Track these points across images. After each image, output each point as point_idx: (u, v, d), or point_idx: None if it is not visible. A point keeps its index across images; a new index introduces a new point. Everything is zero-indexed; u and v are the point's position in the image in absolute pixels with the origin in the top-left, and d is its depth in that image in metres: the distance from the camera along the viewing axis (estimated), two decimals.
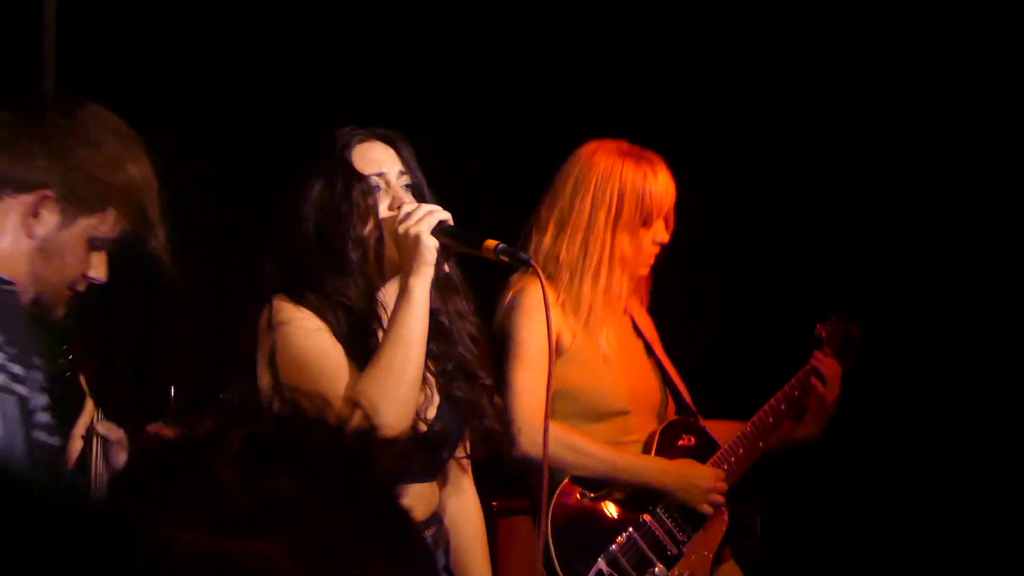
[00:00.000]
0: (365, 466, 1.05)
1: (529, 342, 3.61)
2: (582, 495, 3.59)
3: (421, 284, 2.99)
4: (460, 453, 3.26)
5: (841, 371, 3.89)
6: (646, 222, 3.66)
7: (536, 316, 3.54)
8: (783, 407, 3.85)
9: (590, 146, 3.73)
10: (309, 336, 3.03)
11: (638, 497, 3.69)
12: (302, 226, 3.08)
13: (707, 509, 3.70)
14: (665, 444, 3.73)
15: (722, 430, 3.84)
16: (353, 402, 2.92)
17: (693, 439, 3.77)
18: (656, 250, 3.72)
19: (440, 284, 3.10)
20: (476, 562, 3.33)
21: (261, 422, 1.06)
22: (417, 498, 3.10)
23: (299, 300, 3.05)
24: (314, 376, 3.01)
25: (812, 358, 3.90)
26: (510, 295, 3.68)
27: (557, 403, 3.60)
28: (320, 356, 3.02)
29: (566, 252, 3.66)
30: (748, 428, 3.80)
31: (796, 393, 3.87)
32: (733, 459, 3.77)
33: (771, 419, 3.84)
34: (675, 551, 3.69)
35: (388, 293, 3.11)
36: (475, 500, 3.37)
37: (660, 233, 3.69)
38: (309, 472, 1.03)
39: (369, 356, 3.01)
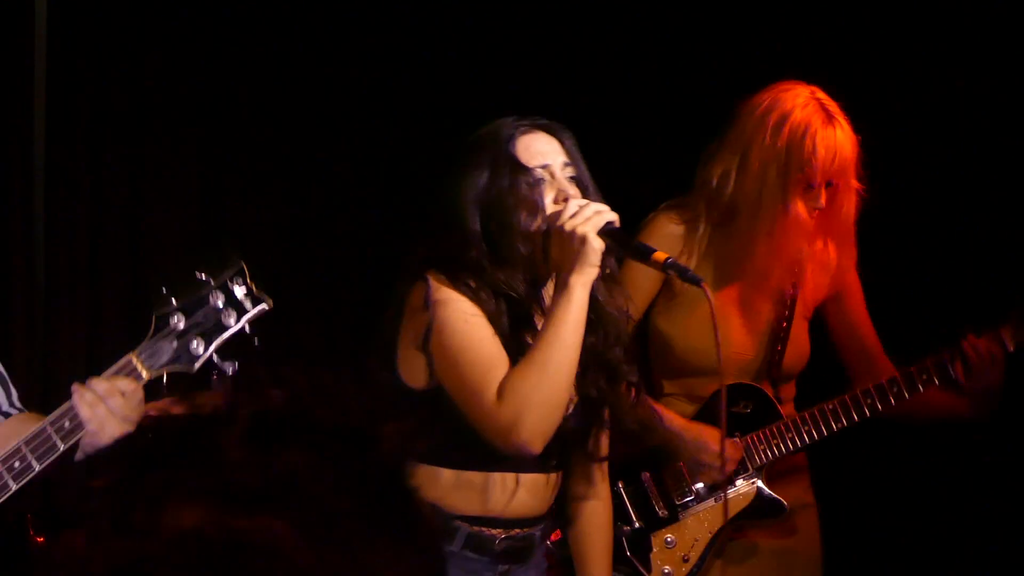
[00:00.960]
0: (373, 444, 1.06)
1: (632, 276, 3.53)
2: None
3: (582, 285, 2.93)
4: (596, 453, 3.20)
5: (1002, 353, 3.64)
6: (809, 184, 3.51)
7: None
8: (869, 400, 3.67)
9: (780, 87, 3.58)
10: (468, 321, 2.97)
11: (651, 454, 3.66)
12: (465, 216, 3.00)
13: (707, 479, 3.65)
14: (717, 406, 3.56)
15: None
16: (502, 400, 2.92)
17: (751, 406, 3.70)
18: (810, 218, 3.55)
19: (603, 273, 3.02)
20: (598, 554, 3.29)
21: (270, 400, 1.07)
22: (528, 488, 3.07)
23: (455, 283, 2.99)
24: (467, 363, 2.96)
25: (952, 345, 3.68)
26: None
27: (653, 341, 3.68)
28: (476, 344, 2.96)
29: (732, 190, 3.56)
30: (807, 414, 3.68)
31: (906, 387, 3.67)
32: (775, 441, 3.68)
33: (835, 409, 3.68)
34: (665, 514, 3.66)
35: (548, 289, 3.06)
36: (607, 509, 3.31)
37: (816, 199, 3.52)
38: (317, 450, 1.04)
39: (523, 351, 2.96)
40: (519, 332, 3.02)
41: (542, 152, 3.04)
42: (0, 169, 4.42)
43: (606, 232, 2.94)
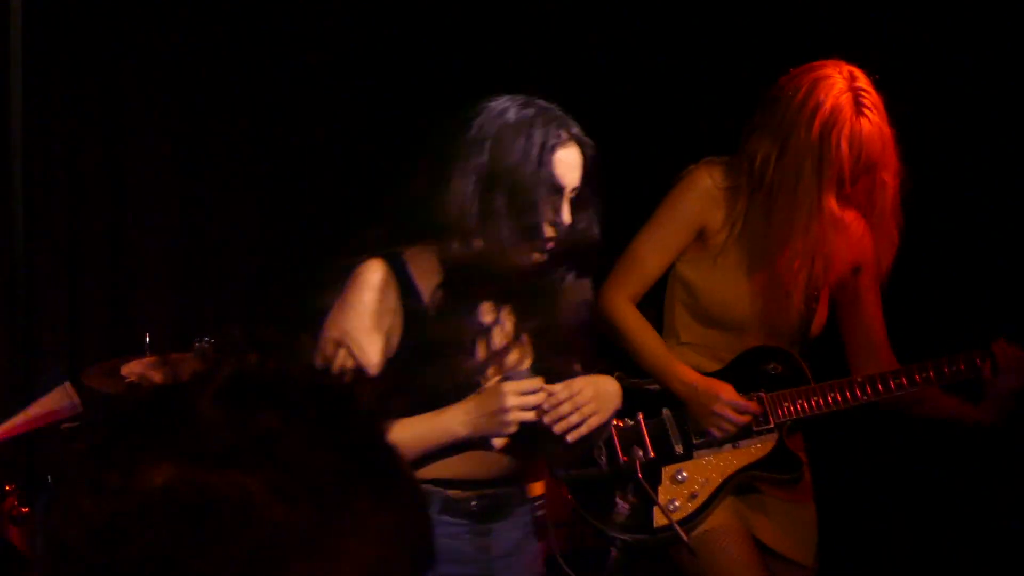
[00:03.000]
0: (348, 402, 1.06)
1: (667, 223, 3.68)
2: (620, 377, 3.54)
3: (464, 431, 2.97)
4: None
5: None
6: (841, 179, 3.55)
7: (689, 204, 3.64)
8: (907, 380, 3.73)
9: (818, 71, 3.58)
10: (354, 307, 3.00)
11: (672, 396, 3.70)
12: (483, 194, 2.97)
13: (715, 432, 3.67)
14: (745, 363, 3.72)
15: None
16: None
17: (780, 369, 3.74)
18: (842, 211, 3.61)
19: (565, 244, 3.03)
20: None
21: (246, 360, 1.07)
22: (495, 453, 3.07)
23: (400, 270, 3.02)
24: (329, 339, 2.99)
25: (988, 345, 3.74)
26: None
27: (677, 288, 3.73)
28: (358, 313, 3.00)
29: (772, 176, 3.58)
30: (834, 382, 3.72)
31: (933, 372, 3.73)
32: (800, 400, 3.71)
33: (876, 387, 3.72)
34: (680, 450, 3.70)
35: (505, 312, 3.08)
36: None
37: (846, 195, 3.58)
38: (291, 408, 1.04)
39: (427, 359, 2.99)
40: (450, 330, 3.02)
41: (569, 172, 3.02)
42: None
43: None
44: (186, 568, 0.96)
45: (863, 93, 3.55)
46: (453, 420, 2.96)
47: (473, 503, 3.07)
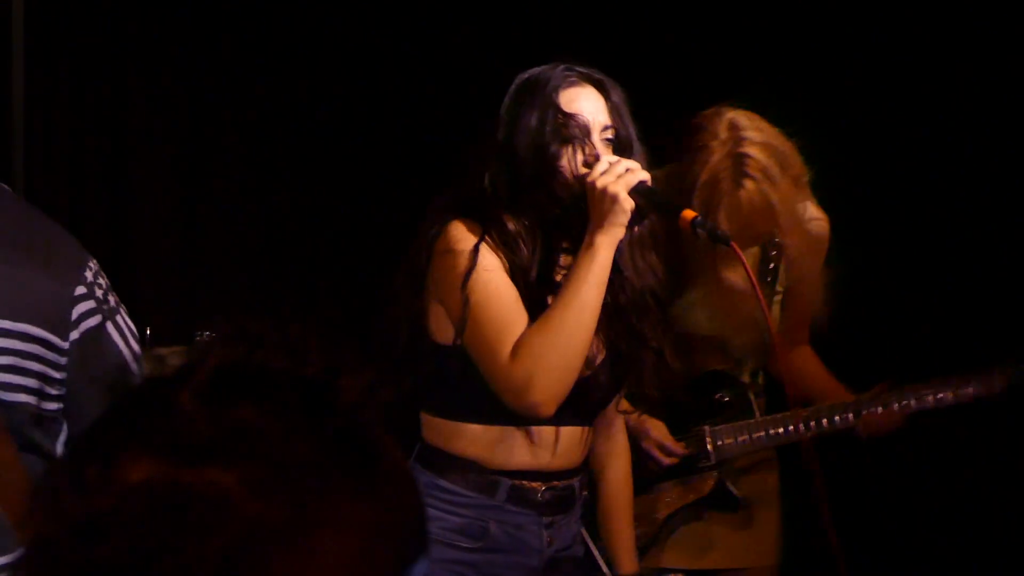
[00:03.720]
0: (330, 395, 1.05)
1: None
2: None
3: (608, 245, 2.90)
4: (617, 408, 3.23)
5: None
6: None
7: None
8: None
9: (709, 127, 3.44)
10: (487, 275, 2.92)
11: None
12: (513, 152, 2.95)
13: (649, 465, 3.63)
14: (699, 390, 3.67)
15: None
16: (516, 359, 2.88)
17: (728, 398, 3.69)
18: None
19: (633, 233, 2.99)
20: (620, 507, 3.30)
21: (231, 353, 1.07)
22: (567, 441, 3.06)
23: (478, 231, 2.95)
24: (485, 320, 2.92)
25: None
26: None
27: None
28: (495, 300, 2.92)
29: None
30: (781, 417, 3.68)
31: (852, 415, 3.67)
32: (742, 436, 3.66)
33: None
34: None
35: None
36: (628, 462, 3.33)
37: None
38: (271, 401, 1.03)
39: (543, 308, 2.94)
40: (541, 288, 2.97)
41: (585, 109, 2.98)
42: None
43: (637, 190, 2.89)
44: (164, 566, 0.96)
45: (744, 158, 3.37)
46: (592, 246, 2.89)
47: (540, 495, 3.05)
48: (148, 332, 4.02)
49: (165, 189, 4.85)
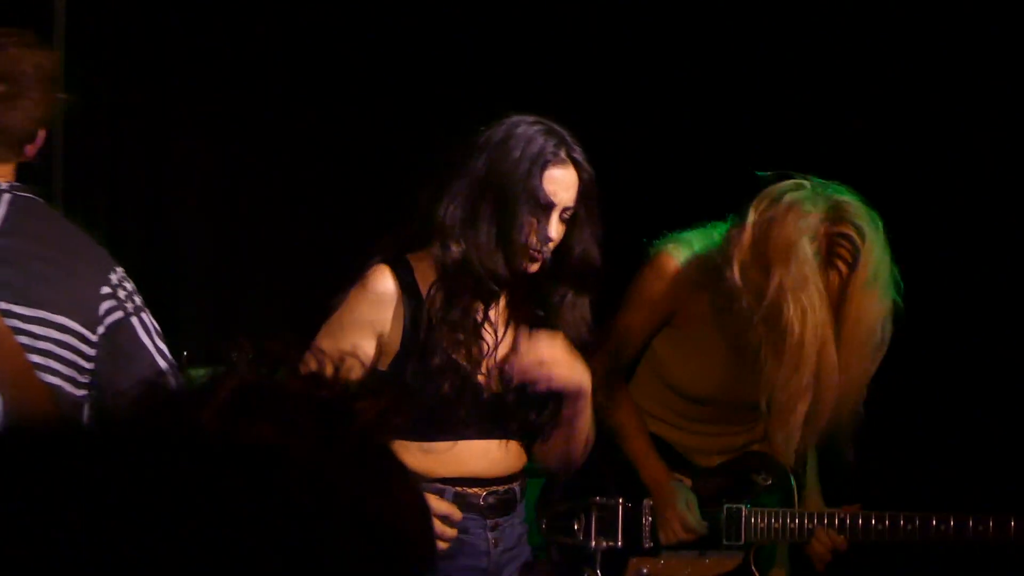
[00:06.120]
0: (347, 417, 1.07)
1: (638, 308, 3.63)
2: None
3: None
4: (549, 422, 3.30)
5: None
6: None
7: (657, 292, 3.58)
8: None
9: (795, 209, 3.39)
10: (344, 317, 3.15)
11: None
12: (484, 188, 3.11)
13: (665, 534, 3.67)
14: (740, 466, 3.71)
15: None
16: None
17: (770, 480, 3.71)
18: None
19: (573, 263, 3.17)
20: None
21: (250, 373, 1.08)
22: (499, 452, 3.23)
23: (405, 274, 3.14)
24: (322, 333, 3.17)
25: None
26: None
27: (651, 361, 3.70)
28: (344, 329, 3.13)
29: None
30: (818, 513, 3.69)
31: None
32: (775, 522, 3.66)
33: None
34: (650, 545, 3.69)
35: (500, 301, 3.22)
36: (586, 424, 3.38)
37: None
38: (288, 422, 1.04)
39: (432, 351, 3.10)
40: (432, 333, 3.12)
41: (560, 189, 3.12)
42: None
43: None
44: None
45: (838, 240, 3.37)
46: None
47: (482, 499, 3.22)
48: (184, 355, 4.06)
49: (200, 210, 4.87)
